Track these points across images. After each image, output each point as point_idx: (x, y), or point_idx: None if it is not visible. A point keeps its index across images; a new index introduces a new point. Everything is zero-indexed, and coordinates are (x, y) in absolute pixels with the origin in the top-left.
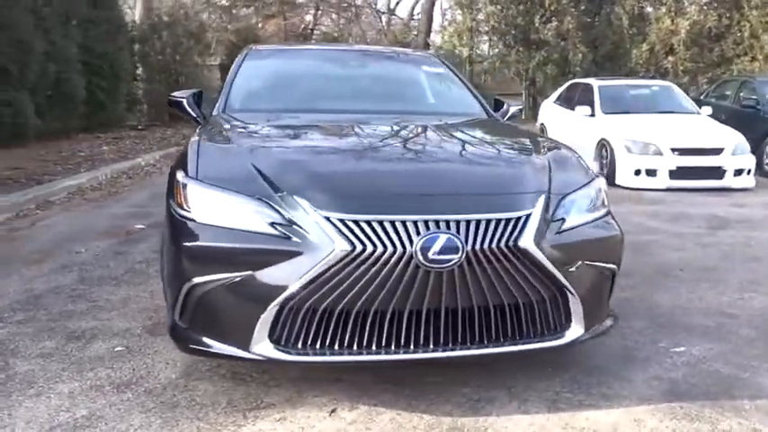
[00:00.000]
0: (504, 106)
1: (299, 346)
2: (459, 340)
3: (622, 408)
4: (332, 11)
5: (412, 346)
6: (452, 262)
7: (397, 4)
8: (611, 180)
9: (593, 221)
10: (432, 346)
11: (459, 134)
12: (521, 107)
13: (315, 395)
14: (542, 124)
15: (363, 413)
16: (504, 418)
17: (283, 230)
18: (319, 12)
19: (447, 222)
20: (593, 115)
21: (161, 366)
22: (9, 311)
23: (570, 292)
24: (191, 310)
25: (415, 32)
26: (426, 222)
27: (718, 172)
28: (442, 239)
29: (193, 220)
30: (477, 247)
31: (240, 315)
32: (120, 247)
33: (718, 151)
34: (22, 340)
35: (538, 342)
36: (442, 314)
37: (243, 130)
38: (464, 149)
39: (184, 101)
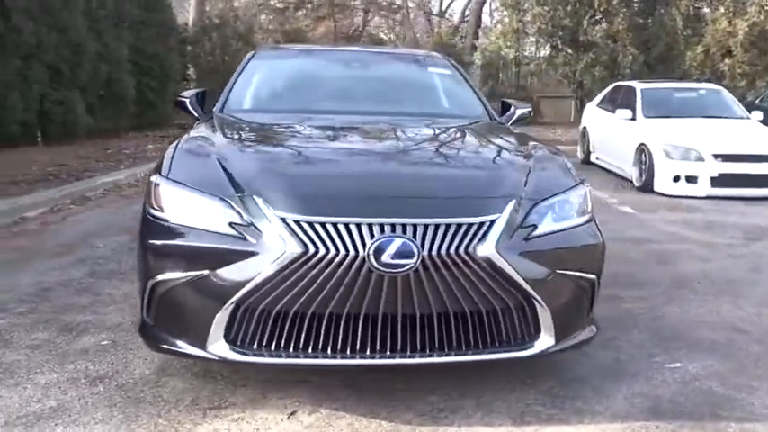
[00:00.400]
0: (512, 109)
1: (255, 347)
2: (419, 347)
3: (593, 424)
4: (382, 12)
5: (368, 352)
6: (407, 267)
7: (449, 5)
8: (649, 187)
9: (570, 229)
10: (389, 352)
11: (443, 137)
12: (529, 110)
13: (279, 396)
14: (584, 128)
15: (323, 417)
16: (465, 429)
17: (241, 231)
18: (368, 14)
19: (403, 226)
20: (633, 119)
21: (138, 362)
22: (15, 302)
23: (538, 301)
24: (155, 307)
25: (462, 34)
26: (382, 226)
27: (763, 180)
28: (396, 243)
29: (160, 219)
30: (434, 252)
31: (197, 314)
32: (135, 243)
33: (764, 158)
34: (17, 331)
35: (504, 352)
36: (399, 320)
37: (225, 131)
38: (442, 153)
39: (187, 101)
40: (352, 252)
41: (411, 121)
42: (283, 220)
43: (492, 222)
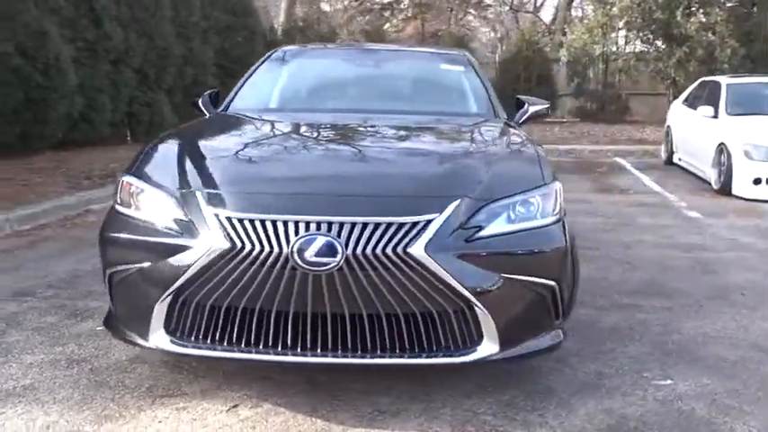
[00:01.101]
0: (525, 107)
1: (193, 339)
2: (350, 347)
3: None
4: (470, 11)
5: (299, 349)
6: (330, 266)
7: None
8: (727, 190)
9: (527, 231)
10: (320, 351)
11: (415, 135)
12: (545, 107)
13: (232, 389)
14: (668, 127)
15: (261, 412)
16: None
17: (181, 226)
18: (453, 12)
19: (328, 224)
20: (715, 116)
21: (118, 349)
22: (44, 288)
23: (477, 306)
24: (112, 297)
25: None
26: (308, 224)
27: None
28: (319, 242)
29: (119, 212)
30: (359, 251)
31: (141, 305)
32: None
33: None
34: (32, 314)
35: (441, 357)
36: (328, 319)
37: (204, 129)
38: (403, 151)
39: (199, 100)
40: (276, 249)
41: (399, 120)
42: (216, 216)
43: (428, 222)
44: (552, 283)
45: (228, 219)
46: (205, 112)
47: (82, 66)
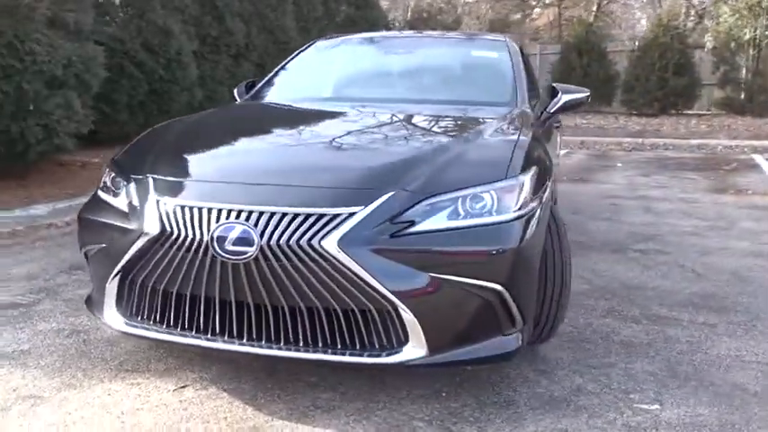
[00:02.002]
0: (558, 95)
1: (139, 319)
2: (273, 339)
3: None
4: None
5: (227, 337)
6: (247, 255)
7: None
8: None
9: (471, 228)
10: (246, 340)
11: (393, 125)
12: (582, 96)
13: (192, 370)
14: None
15: (203, 395)
16: (309, 427)
17: (131, 209)
18: None
19: (248, 213)
20: None
21: None
22: None
23: (399, 306)
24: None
25: (696, 14)
26: (229, 212)
27: None
28: (236, 231)
29: (96, 195)
30: (273, 242)
31: (99, 283)
32: None
33: None
34: (73, 286)
35: (364, 356)
36: (252, 308)
37: (201, 117)
38: (361, 142)
39: (235, 90)
40: (198, 236)
41: (397, 109)
42: (157, 202)
43: (350, 215)
44: (497, 286)
45: (164, 204)
46: (238, 100)
47: (204, 60)
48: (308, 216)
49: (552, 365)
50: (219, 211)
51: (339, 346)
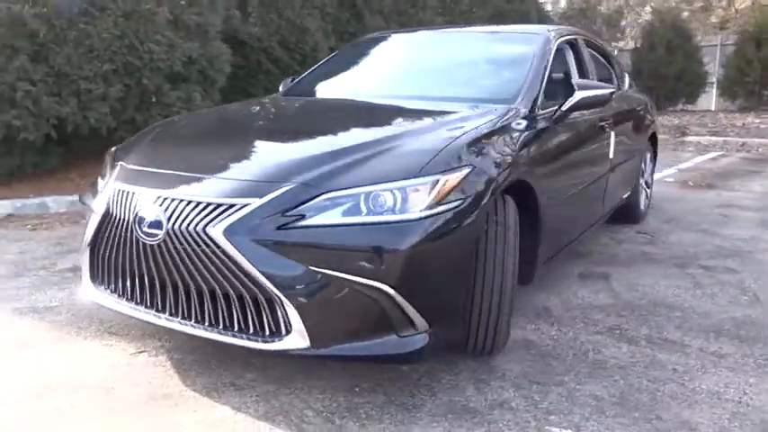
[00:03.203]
0: (574, 92)
1: (104, 289)
2: (185, 315)
3: None
4: None
5: (153, 310)
6: (157, 237)
7: None
8: None
9: (367, 225)
10: (167, 315)
11: (354, 121)
12: (602, 92)
13: (160, 339)
14: None
15: (150, 362)
16: (211, 401)
17: (101, 191)
18: None
19: (162, 199)
20: None
21: None
22: None
23: (280, 296)
24: None
25: None
26: (148, 197)
27: None
28: (151, 214)
29: (95, 181)
30: (177, 227)
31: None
32: None
33: None
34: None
35: (248, 340)
36: (169, 285)
37: (212, 111)
38: (301, 136)
39: (281, 84)
40: (125, 217)
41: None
42: (111, 185)
43: (244, 206)
44: (385, 287)
45: (112, 187)
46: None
47: None
48: (207, 205)
49: (494, 376)
50: (141, 195)
51: (226, 328)
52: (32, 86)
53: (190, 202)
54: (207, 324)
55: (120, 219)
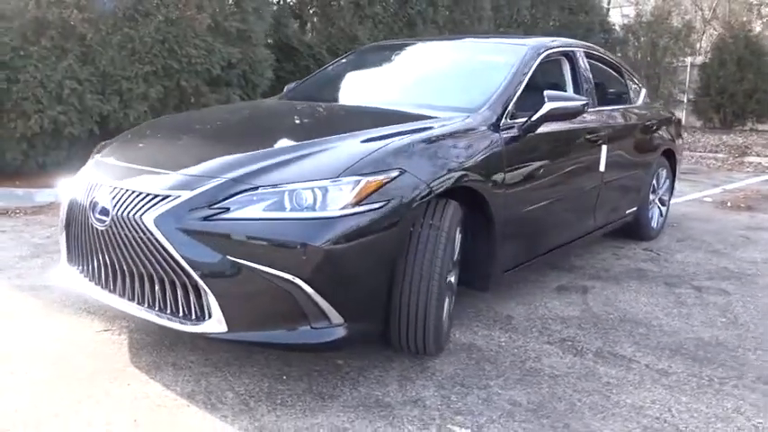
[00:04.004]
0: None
1: (79, 271)
2: (130, 297)
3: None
4: None
5: (108, 291)
6: (105, 223)
7: None
8: None
9: (284, 220)
10: (117, 295)
11: (297, 124)
12: (571, 104)
13: (132, 321)
14: None
15: (111, 340)
16: (146, 377)
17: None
18: None
19: (111, 189)
20: None
21: None
22: None
23: (199, 282)
24: None
25: None
26: (102, 187)
27: None
28: (102, 202)
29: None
30: (119, 213)
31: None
32: None
33: None
34: None
35: (174, 321)
36: (118, 269)
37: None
38: (239, 137)
39: (285, 88)
40: (84, 203)
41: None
42: (83, 174)
43: (176, 197)
44: (297, 279)
45: (79, 177)
46: None
47: None
48: (146, 195)
49: (422, 375)
50: (99, 184)
51: (161, 310)
52: (79, 85)
53: (133, 192)
54: (146, 306)
55: (81, 204)
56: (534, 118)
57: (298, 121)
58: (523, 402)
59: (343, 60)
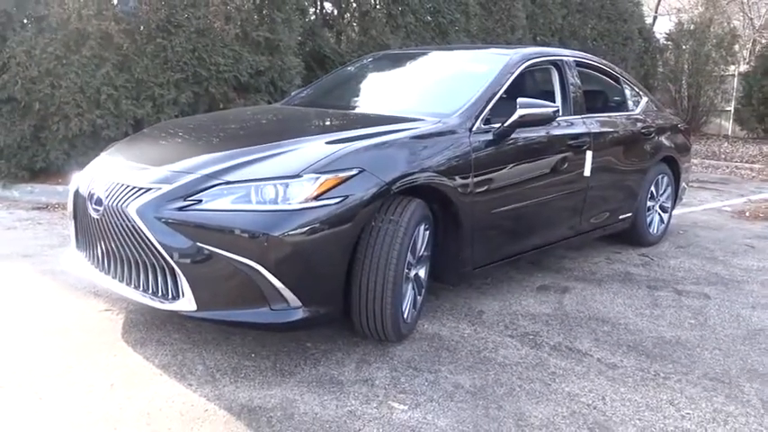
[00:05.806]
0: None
1: (83, 255)
2: (120, 278)
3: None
4: None
5: (106, 272)
6: (99, 212)
7: None
8: None
9: (249, 212)
10: (111, 276)
11: (280, 126)
12: (545, 111)
13: (132, 303)
14: None
15: (110, 318)
16: (131, 348)
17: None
18: None
19: (109, 182)
20: None
21: None
22: None
23: (173, 264)
24: None
25: None
26: (99, 180)
27: None
28: (97, 193)
29: None
30: (109, 204)
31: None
32: None
33: None
34: None
35: (152, 300)
36: (111, 251)
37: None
38: (220, 137)
39: (291, 91)
40: (84, 194)
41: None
42: (88, 169)
43: (157, 190)
44: (256, 264)
45: (87, 170)
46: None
47: None
48: (132, 188)
49: (381, 359)
50: (98, 178)
51: (144, 290)
52: (115, 91)
53: (122, 185)
54: (133, 286)
55: (82, 195)
56: (507, 124)
57: (278, 124)
58: (466, 386)
59: (342, 69)
